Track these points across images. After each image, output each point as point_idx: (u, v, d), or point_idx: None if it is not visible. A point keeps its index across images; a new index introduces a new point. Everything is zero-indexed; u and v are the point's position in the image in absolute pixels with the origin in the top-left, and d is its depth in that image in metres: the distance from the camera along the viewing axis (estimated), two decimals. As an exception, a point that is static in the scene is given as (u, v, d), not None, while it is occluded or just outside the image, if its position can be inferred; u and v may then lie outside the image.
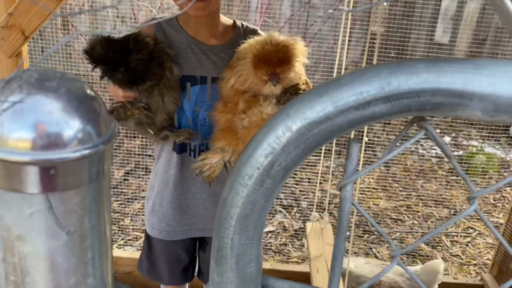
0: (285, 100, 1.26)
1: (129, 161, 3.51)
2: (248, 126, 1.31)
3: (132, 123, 1.38)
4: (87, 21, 4.36)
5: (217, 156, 1.38)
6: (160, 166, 1.59)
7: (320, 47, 4.26)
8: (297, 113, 0.41)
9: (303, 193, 3.35)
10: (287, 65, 1.23)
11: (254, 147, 0.44)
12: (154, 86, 1.33)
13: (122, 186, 3.27)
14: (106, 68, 1.27)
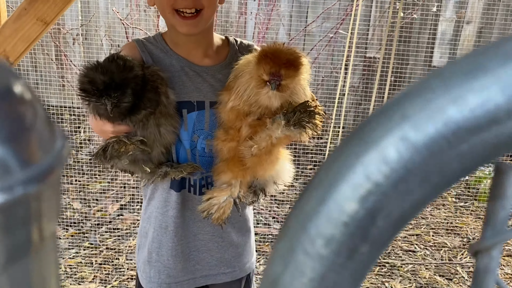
0: (295, 120, 1.10)
1: (124, 194, 3.35)
2: (258, 154, 1.17)
3: (125, 162, 1.20)
4: (81, 52, 4.28)
5: (224, 194, 1.23)
6: (155, 208, 1.38)
7: (318, 74, 4.19)
8: (426, 111, 0.22)
9: (308, 224, 3.19)
10: (294, 71, 1.08)
11: (332, 183, 0.24)
12: (150, 115, 1.17)
13: (117, 221, 3.10)
14: (118, 95, 1.10)
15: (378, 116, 0.23)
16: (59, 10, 1.42)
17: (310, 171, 3.83)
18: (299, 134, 1.13)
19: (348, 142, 0.22)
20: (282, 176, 1.31)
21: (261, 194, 1.33)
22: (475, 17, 4.51)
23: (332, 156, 0.23)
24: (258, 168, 1.21)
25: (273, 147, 1.17)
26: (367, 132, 0.23)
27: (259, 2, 3.91)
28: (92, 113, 1.17)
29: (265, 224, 3.14)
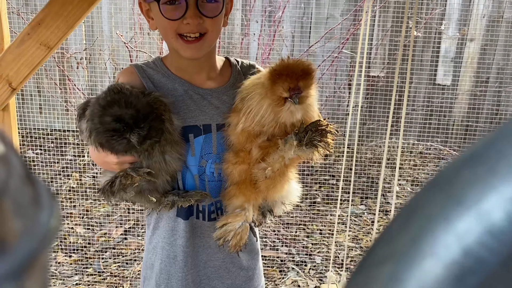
0: (307, 140, 1.07)
1: (128, 218, 3.30)
2: (272, 176, 1.13)
3: (131, 194, 1.16)
4: (85, 75, 4.30)
5: (239, 219, 1.19)
6: (161, 238, 1.32)
7: (322, 94, 4.18)
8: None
9: (316, 247, 3.12)
10: (310, 79, 1.07)
11: (413, 257, 0.17)
12: (155, 144, 1.13)
13: (121, 246, 3.04)
14: (145, 127, 1.06)
15: (473, 163, 0.17)
16: (63, 34, 1.41)
17: (315, 191, 3.78)
18: (311, 154, 1.10)
19: (430, 199, 0.17)
20: (290, 197, 1.28)
21: (269, 215, 1.29)
22: (478, 34, 4.50)
23: (408, 217, 0.18)
24: (272, 190, 1.18)
25: (286, 168, 1.14)
26: (459, 187, 0.17)
27: (262, 23, 3.92)
28: (94, 145, 1.13)
29: (272, 248, 3.07)
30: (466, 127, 4.56)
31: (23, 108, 4.14)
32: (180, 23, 1.15)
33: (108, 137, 1.06)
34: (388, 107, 4.02)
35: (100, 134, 1.09)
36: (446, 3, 4.39)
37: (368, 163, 3.99)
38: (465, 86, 4.63)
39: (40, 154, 4.10)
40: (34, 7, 4.10)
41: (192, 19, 1.13)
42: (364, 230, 3.34)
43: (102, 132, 1.07)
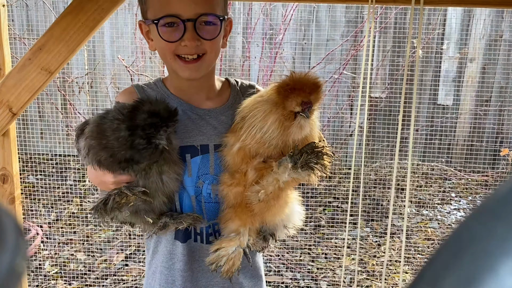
0: (302, 162, 1.05)
1: (130, 243, 3.25)
2: (265, 199, 1.10)
3: (126, 213, 1.13)
4: (87, 100, 4.31)
5: (233, 244, 1.16)
6: (159, 262, 1.29)
7: (323, 115, 4.17)
8: None
9: (321, 271, 3.05)
10: (320, 92, 1.07)
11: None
12: (152, 164, 1.11)
13: (122, 272, 2.98)
14: (170, 128, 1.07)
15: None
16: (64, 59, 1.40)
17: (320, 214, 3.73)
18: (308, 176, 1.08)
19: (486, 229, 0.15)
20: (292, 220, 1.24)
21: (271, 239, 1.25)
22: (478, 53, 4.53)
23: (459, 250, 0.15)
24: (267, 213, 1.15)
25: (281, 191, 1.11)
26: None
27: (262, 46, 3.95)
28: (91, 164, 1.11)
29: (277, 273, 3.01)
30: (469, 147, 4.53)
31: (24, 133, 4.14)
32: (178, 44, 1.15)
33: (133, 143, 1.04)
34: (390, 128, 4.01)
35: (100, 150, 1.07)
36: (446, 24, 4.43)
37: (372, 184, 3.95)
38: (467, 106, 4.63)
39: (41, 180, 4.07)
40: (36, 33, 4.14)
41: (190, 41, 1.14)
42: (370, 253, 3.28)
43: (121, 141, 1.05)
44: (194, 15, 1.12)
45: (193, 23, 1.12)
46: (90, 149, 1.09)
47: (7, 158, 1.55)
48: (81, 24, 1.37)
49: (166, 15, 1.12)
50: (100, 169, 1.11)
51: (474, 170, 4.43)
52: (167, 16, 1.12)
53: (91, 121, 1.11)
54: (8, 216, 0.17)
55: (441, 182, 4.43)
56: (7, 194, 1.58)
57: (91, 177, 1.20)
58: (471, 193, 4.26)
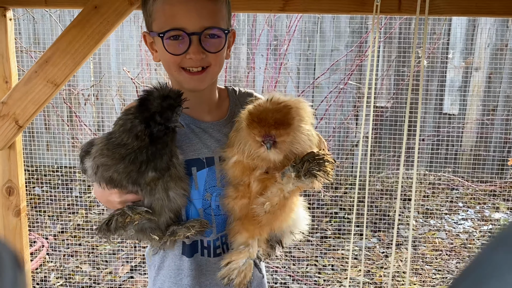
0: (305, 171, 1.05)
1: (135, 255, 3.24)
2: (272, 210, 1.10)
3: (131, 232, 1.13)
4: (92, 112, 4.33)
5: (243, 256, 1.16)
6: (166, 278, 1.28)
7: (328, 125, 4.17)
8: None
9: (328, 283, 3.02)
10: (286, 128, 1.03)
11: None
12: (158, 180, 1.11)
13: (127, 284, 2.96)
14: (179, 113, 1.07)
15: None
16: (69, 71, 1.41)
17: (326, 224, 3.70)
18: (311, 183, 1.08)
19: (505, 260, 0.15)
20: (298, 225, 1.23)
21: (278, 246, 1.25)
22: (483, 63, 4.51)
23: (479, 281, 0.15)
24: (275, 222, 1.15)
25: (286, 201, 1.11)
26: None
27: (267, 57, 3.96)
28: (99, 182, 1.11)
29: (283, 284, 2.98)
30: (475, 156, 4.50)
31: (30, 145, 4.16)
32: (183, 57, 1.16)
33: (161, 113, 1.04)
34: (395, 138, 3.99)
35: (114, 165, 1.07)
36: (450, 33, 4.43)
37: (379, 194, 3.93)
38: (473, 115, 4.61)
39: (47, 191, 4.08)
40: (43, 45, 4.18)
41: (195, 54, 1.15)
42: (377, 264, 3.24)
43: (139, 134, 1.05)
44: (199, 29, 1.13)
45: (198, 37, 1.13)
46: (99, 167, 1.09)
47: (13, 171, 1.56)
48: (86, 37, 1.38)
49: (171, 28, 1.13)
50: (108, 187, 1.11)
51: (482, 179, 4.39)
52: (172, 30, 1.13)
53: (97, 141, 1.12)
54: (6, 250, 0.17)
55: (448, 191, 4.39)
56: (13, 206, 1.58)
57: (97, 195, 1.20)
58: (479, 203, 4.22)
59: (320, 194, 3.88)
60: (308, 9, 1.61)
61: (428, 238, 3.62)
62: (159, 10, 1.15)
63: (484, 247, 0.17)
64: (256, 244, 1.17)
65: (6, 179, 1.56)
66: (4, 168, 1.55)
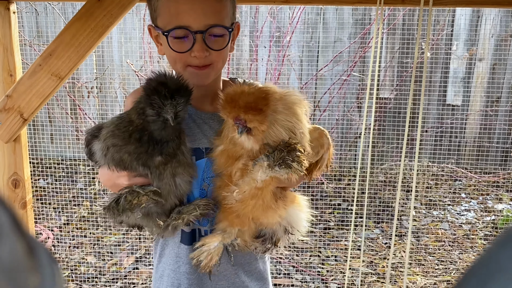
0: (276, 159, 1.02)
1: (139, 246, 3.27)
2: (242, 199, 1.09)
3: (138, 215, 1.13)
4: (96, 104, 4.34)
5: (215, 240, 1.17)
6: (166, 265, 1.31)
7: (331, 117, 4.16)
8: None
9: (331, 273, 3.04)
10: (256, 114, 1.00)
11: None
12: (166, 164, 1.12)
13: (132, 275, 2.99)
14: (183, 102, 1.06)
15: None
16: (73, 64, 1.41)
17: (329, 215, 3.71)
18: (286, 174, 1.04)
19: None
20: (294, 224, 1.22)
21: (269, 243, 1.24)
22: (487, 53, 4.49)
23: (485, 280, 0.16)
24: (245, 214, 1.13)
25: (260, 191, 1.08)
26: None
27: (269, 49, 3.95)
28: (108, 164, 1.12)
29: (286, 275, 3.00)
30: (478, 147, 4.49)
31: (35, 137, 4.17)
32: (187, 55, 1.17)
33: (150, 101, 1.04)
34: (398, 129, 3.98)
35: (124, 146, 1.08)
36: (454, 24, 4.40)
37: (382, 186, 3.93)
38: (476, 106, 4.59)
39: (51, 183, 4.10)
40: (46, 38, 4.18)
41: (199, 52, 1.16)
42: (380, 255, 3.26)
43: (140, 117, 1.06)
44: (204, 27, 1.14)
45: (202, 35, 1.14)
46: (109, 149, 1.10)
47: (18, 164, 1.57)
48: (90, 30, 1.39)
49: (176, 26, 1.14)
50: (117, 169, 1.12)
51: (485, 170, 4.39)
52: (177, 28, 1.14)
53: (107, 124, 1.13)
54: (42, 248, 0.17)
55: (451, 182, 4.39)
56: (19, 198, 1.60)
57: (103, 179, 1.20)
58: (482, 194, 4.23)
59: (323, 185, 3.89)
60: (312, 0, 1.60)
61: (431, 229, 3.63)
62: (164, 6, 1.16)
63: (491, 245, 0.18)
64: (235, 233, 1.17)
65: (11, 172, 1.57)
66: (10, 161, 1.56)
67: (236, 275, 1.31)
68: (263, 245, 1.24)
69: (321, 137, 1.16)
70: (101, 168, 1.18)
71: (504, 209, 3.85)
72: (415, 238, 3.46)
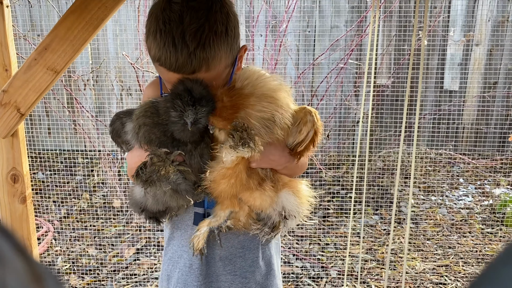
0: (236, 140, 1.08)
1: (140, 237, 3.28)
2: (214, 179, 1.15)
3: (166, 186, 1.14)
4: (92, 96, 4.32)
5: (205, 225, 1.24)
6: (177, 247, 1.34)
7: (328, 104, 4.16)
8: None
9: (331, 260, 3.07)
10: (222, 120, 1.10)
11: None
12: (197, 146, 1.16)
13: (133, 266, 3.01)
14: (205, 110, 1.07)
15: None
16: (69, 58, 1.40)
17: (328, 203, 3.73)
18: (249, 153, 1.10)
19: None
20: (289, 208, 1.24)
21: (267, 228, 1.26)
22: (484, 39, 4.47)
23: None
24: (239, 193, 1.18)
25: (231, 171, 1.14)
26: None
27: (266, 37, 3.93)
28: (140, 143, 1.14)
29: (286, 263, 3.03)
30: (476, 132, 4.50)
31: (32, 130, 4.16)
32: None
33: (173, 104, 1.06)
34: (396, 116, 3.98)
35: (154, 127, 1.11)
36: (450, 9, 4.38)
37: (380, 172, 3.95)
38: (473, 91, 4.59)
39: (50, 176, 4.10)
40: (41, 32, 4.14)
41: None
42: (379, 241, 3.28)
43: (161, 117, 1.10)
44: (196, 76, 1.11)
45: None
46: (142, 127, 1.12)
47: (17, 158, 1.57)
48: (85, 22, 1.37)
49: (170, 89, 1.13)
50: (149, 147, 1.14)
51: (482, 155, 4.41)
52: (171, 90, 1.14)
53: (142, 105, 1.17)
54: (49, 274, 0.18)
55: (449, 168, 4.41)
56: (18, 193, 1.60)
57: (134, 161, 1.19)
58: (480, 179, 4.25)
59: (322, 173, 3.90)
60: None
61: (429, 214, 3.65)
62: (156, 65, 1.13)
63: (492, 261, 0.18)
64: (225, 216, 1.22)
65: (10, 167, 1.57)
66: (8, 156, 1.55)
67: (243, 259, 1.33)
68: (262, 229, 1.26)
69: (305, 116, 1.17)
70: (130, 151, 1.20)
71: (502, 194, 3.87)
72: (413, 223, 3.49)
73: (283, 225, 1.27)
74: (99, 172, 4.08)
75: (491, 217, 3.59)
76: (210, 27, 1.06)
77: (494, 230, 3.42)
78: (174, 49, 1.05)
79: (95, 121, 3.87)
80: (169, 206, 1.22)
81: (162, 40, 1.06)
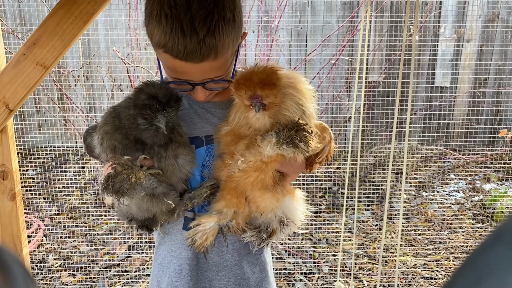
0: (285, 137, 1.04)
1: (132, 234, 3.27)
2: (245, 169, 1.10)
3: (140, 192, 1.08)
4: (83, 92, 4.28)
5: (211, 220, 1.17)
6: (168, 253, 1.31)
7: (320, 100, 4.17)
8: None
9: (323, 256, 3.08)
10: (272, 88, 1.03)
11: None
12: (167, 147, 1.10)
13: (125, 263, 3.00)
14: (173, 111, 1.05)
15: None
16: (58, 53, 1.39)
17: (320, 199, 3.74)
18: (292, 154, 1.06)
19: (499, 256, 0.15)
20: (289, 215, 1.23)
21: (264, 234, 1.24)
22: (475, 35, 4.50)
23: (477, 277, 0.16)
24: (245, 184, 1.13)
25: (265, 166, 1.10)
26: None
27: (258, 33, 3.92)
28: (105, 152, 1.10)
29: (278, 259, 3.03)
30: (467, 128, 4.54)
31: (22, 127, 4.12)
32: (189, 92, 1.17)
33: (142, 115, 1.03)
34: (387, 112, 4.00)
35: (115, 133, 1.07)
36: (441, 6, 4.39)
37: (371, 168, 3.96)
38: (464, 87, 4.62)
39: (41, 173, 4.07)
40: (30, 26, 4.10)
41: (200, 97, 1.15)
42: (371, 237, 3.30)
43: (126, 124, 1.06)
44: (202, 81, 1.11)
45: (202, 85, 1.12)
46: (104, 136, 1.09)
47: (6, 155, 1.55)
48: (74, 17, 1.36)
49: (176, 80, 1.11)
50: (111, 155, 1.10)
51: (473, 151, 4.44)
52: (177, 81, 1.11)
53: (103, 115, 1.12)
54: (16, 263, 0.17)
55: (440, 163, 4.44)
56: (8, 190, 1.58)
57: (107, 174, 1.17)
58: (470, 174, 4.29)
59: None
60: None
61: (420, 210, 3.68)
62: (159, 52, 1.09)
63: (480, 244, 0.18)
64: (230, 214, 1.17)
65: (-1, 164, 1.55)
66: (-3, 152, 1.54)
67: (238, 266, 1.30)
68: (258, 236, 1.24)
69: (323, 131, 1.17)
70: (104, 165, 1.16)
71: (492, 189, 3.91)
72: (405, 219, 3.51)
73: (281, 231, 1.26)
74: (90, 169, 4.05)
75: (481, 212, 3.63)
76: (219, 13, 1.02)
77: (484, 225, 3.46)
78: (183, 36, 1.00)
79: (86, 117, 3.84)
80: (156, 213, 1.17)
81: (168, 25, 1.00)
